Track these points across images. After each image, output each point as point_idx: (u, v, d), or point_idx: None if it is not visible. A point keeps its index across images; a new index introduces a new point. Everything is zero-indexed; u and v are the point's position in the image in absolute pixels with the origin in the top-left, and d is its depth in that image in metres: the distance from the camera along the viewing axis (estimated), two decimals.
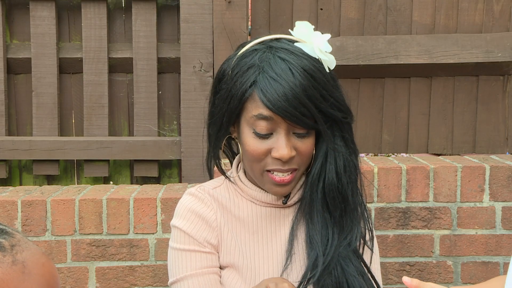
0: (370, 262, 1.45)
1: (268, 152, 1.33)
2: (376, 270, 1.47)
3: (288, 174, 1.34)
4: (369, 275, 1.41)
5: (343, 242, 1.37)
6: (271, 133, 1.32)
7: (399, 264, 2.47)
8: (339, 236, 1.37)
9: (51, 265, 1.00)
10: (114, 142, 2.69)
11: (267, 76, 1.29)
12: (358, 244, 1.41)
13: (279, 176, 1.34)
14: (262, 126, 1.31)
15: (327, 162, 1.36)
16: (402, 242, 2.46)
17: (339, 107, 1.34)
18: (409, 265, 2.47)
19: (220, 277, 1.41)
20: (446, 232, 2.46)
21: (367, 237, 1.44)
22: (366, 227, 1.44)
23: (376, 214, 2.44)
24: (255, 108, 1.31)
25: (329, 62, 1.35)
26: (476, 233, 2.46)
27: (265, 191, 1.41)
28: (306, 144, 1.34)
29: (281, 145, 1.31)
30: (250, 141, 1.33)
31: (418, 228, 2.46)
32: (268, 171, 1.34)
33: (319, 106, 1.30)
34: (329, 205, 1.37)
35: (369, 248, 1.44)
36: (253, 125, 1.32)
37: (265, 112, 1.30)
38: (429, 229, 2.46)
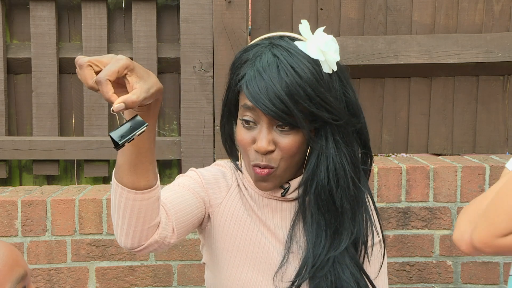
0: (380, 269, 1.45)
1: (253, 142, 1.36)
2: (382, 273, 1.48)
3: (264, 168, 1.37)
4: (367, 282, 1.41)
5: (335, 245, 1.38)
6: (255, 125, 1.36)
7: (399, 264, 2.47)
8: (331, 238, 1.38)
9: (6, 243, 1.05)
10: None
11: (254, 70, 1.33)
12: (360, 250, 1.42)
13: (259, 169, 1.36)
14: (247, 116, 1.35)
15: (319, 164, 1.37)
16: (402, 242, 2.46)
17: (327, 108, 1.34)
18: (409, 265, 2.47)
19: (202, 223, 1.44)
20: (446, 232, 2.46)
21: (370, 243, 1.44)
22: (370, 233, 1.43)
23: None
24: (243, 99, 1.36)
25: (329, 62, 1.36)
26: None
27: None
28: (287, 140, 1.34)
29: (260, 138, 1.34)
30: (239, 131, 1.38)
31: (418, 228, 2.46)
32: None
33: (301, 105, 1.31)
34: (320, 207, 1.38)
35: (368, 258, 1.44)
36: (241, 115, 1.36)
37: (248, 103, 1.34)
38: (429, 229, 2.46)
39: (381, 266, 1.47)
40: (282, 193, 1.43)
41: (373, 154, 1.58)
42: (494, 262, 2.48)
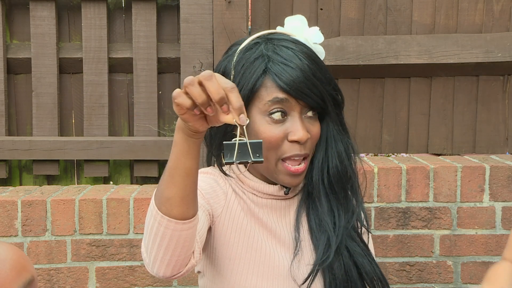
0: (368, 243, 1.49)
1: (285, 137, 1.35)
2: (372, 251, 1.51)
3: (302, 163, 1.37)
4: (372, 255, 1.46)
5: (348, 222, 1.41)
6: (286, 117, 1.35)
7: (399, 264, 2.47)
8: (344, 216, 1.41)
9: (15, 247, 1.03)
10: (114, 142, 2.69)
11: (278, 63, 1.34)
12: (358, 225, 1.46)
13: (294, 167, 1.36)
14: (278, 110, 1.34)
15: (328, 146, 1.41)
16: (402, 242, 2.46)
17: (338, 91, 1.40)
18: (409, 265, 2.47)
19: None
20: (446, 232, 2.46)
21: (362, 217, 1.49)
22: (359, 208, 1.48)
23: (376, 214, 2.44)
24: (269, 94, 1.34)
25: (320, 53, 1.42)
26: (476, 233, 2.46)
27: (267, 183, 1.43)
28: (316, 127, 1.38)
29: (298, 128, 1.34)
30: (265, 128, 1.35)
31: (418, 228, 2.46)
32: (283, 160, 1.37)
33: (326, 88, 1.36)
34: (334, 188, 1.41)
35: (366, 229, 1.48)
36: (268, 111, 1.35)
37: (280, 95, 1.33)
38: (429, 229, 2.46)
39: (368, 237, 1.52)
40: (285, 191, 1.43)
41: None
42: (494, 262, 2.48)
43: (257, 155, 1.06)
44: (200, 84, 1.05)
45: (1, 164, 2.73)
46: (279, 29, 1.44)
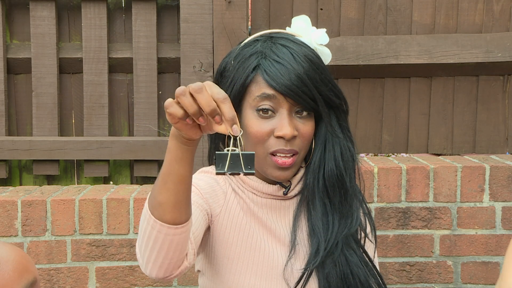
0: (374, 255, 1.48)
1: (271, 132, 1.36)
2: (375, 262, 1.50)
3: (290, 157, 1.37)
4: (371, 264, 1.44)
5: (343, 228, 1.40)
6: (274, 114, 1.36)
7: (399, 264, 2.47)
8: (339, 222, 1.40)
9: (17, 248, 1.03)
10: (114, 142, 2.69)
11: (270, 59, 1.35)
12: (359, 234, 1.44)
13: (281, 159, 1.36)
14: (266, 105, 1.35)
15: (326, 149, 1.41)
16: (402, 242, 2.46)
17: (337, 94, 1.40)
18: (409, 265, 2.47)
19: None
20: (446, 232, 2.46)
21: (368, 229, 1.47)
22: (366, 218, 1.47)
23: (376, 214, 2.44)
24: (258, 89, 1.36)
25: (325, 55, 1.43)
26: (476, 233, 2.46)
27: (267, 182, 1.43)
28: (307, 126, 1.38)
29: (284, 124, 1.35)
30: (253, 123, 1.37)
31: (418, 228, 2.46)
32: (272, 154, 1.37)
33: (319, 89, 1.36)
34: (329, 192, 1.40)
35: (370, 240, 1.47)
36: (256, 106, 1.36)
37: (268, 91, 1.34)
38: (429, 229, 2.46)
39: (374, 251, 1.51)
40: (284, 191, 1.43)
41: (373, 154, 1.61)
42: (494, 262, 2.48)
43: (249, 166, 1.07)
44: (192, 94, 1.05)
45: (1, 164, 2.73)
46: (287, 29, 1.46)
